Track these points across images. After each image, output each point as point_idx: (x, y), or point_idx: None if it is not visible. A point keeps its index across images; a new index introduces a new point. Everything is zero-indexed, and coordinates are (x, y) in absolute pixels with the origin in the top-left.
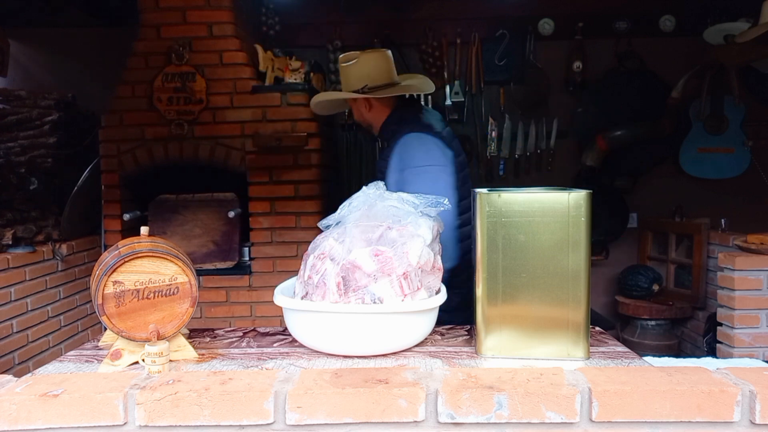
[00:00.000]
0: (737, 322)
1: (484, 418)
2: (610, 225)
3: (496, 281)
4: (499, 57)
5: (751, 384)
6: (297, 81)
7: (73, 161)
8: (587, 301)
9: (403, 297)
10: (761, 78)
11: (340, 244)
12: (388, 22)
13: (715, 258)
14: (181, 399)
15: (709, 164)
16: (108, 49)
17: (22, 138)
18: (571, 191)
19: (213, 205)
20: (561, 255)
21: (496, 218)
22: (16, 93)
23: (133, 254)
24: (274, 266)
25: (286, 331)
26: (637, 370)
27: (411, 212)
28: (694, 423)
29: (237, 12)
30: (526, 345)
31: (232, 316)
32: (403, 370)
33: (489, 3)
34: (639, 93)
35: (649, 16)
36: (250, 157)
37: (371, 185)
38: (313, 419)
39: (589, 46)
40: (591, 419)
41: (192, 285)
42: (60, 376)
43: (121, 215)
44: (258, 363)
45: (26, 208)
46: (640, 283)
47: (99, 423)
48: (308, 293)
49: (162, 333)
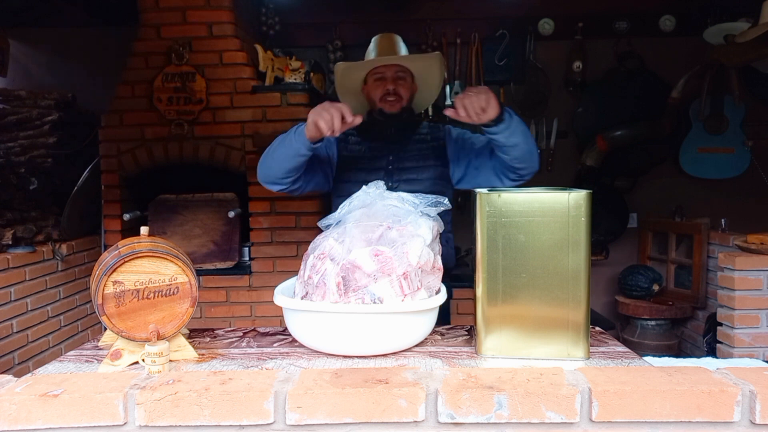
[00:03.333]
0: (737, 322)
1: (484, 418)
2: (610, 225)
3: (496, 281)
4: (499, 57)
5: (751, 384)
6: (297, 81)
7: (73, 161)
8: (587, 301)
9: (403, 297)
10: (761, 78)
11: (340, 244)
12: (388, 22)
13: (715, 258)
14: (181, 399)
15: (709, 164)
16: (108, 49)
17: (21, 138)
18: (571, 191)
19: (213, 205)
20: (561, 255)
21: (496, 218)
22: (16, 93)
23: (133, 254)
24: (274, 266)
25: (286, 331)
26: (637, 370)
27: (411, 212)
28: (694, 423)
29: (237, 12)
30: (526, 345)
31: (232, 316)
32: (403, 370)
33: (489, 3)
34: (639, 93)
35: (649, 16)
36: (250, 157)
37: (371, 185)
38: (313, 419)
39: (589, 46)
40: (591, 419)
41: (192, 285)
42: (60, 376)
43: (121, 215)
44: (258, 363)
45: (26, 208)
46: (640, 283)
47: (99, 423)
48: (308, 293)
49: (162, 333)
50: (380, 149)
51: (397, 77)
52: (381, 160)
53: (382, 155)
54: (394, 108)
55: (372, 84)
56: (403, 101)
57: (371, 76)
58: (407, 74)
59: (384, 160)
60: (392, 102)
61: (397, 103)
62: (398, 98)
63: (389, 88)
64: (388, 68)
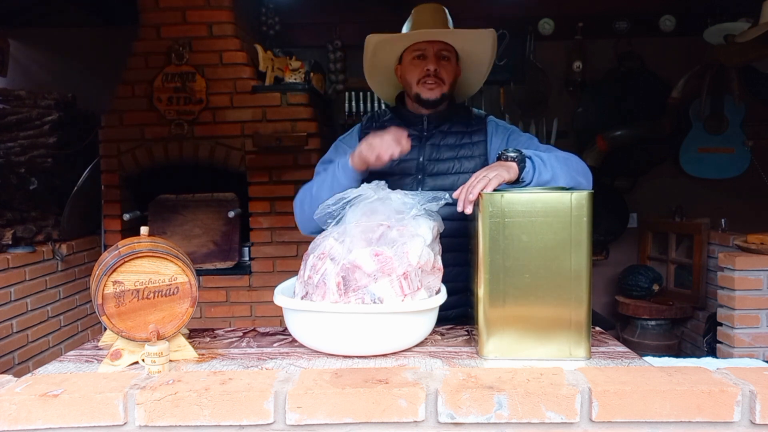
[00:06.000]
0: (737, 322)
1: (484, 418)
2: (610, 225)
3: (499, 282)
4: (499, 57)
5: (751, 384)
6: (297, 81)
7: (73, 161)
8: (589, 301)
9: (403, 297)
10: (761, 78)
11: (340, 244)
12: (388, 22)
13: (715, 258)
14: (181, 399)
15: (709, 164)
16: (108, 49)
17: (22, 138)
18: (572, 191)
19: (213, 205)
20: (563, 255)
21: (498, 218)
22: (16, 93)
23: (133, 254)
24: (274, 266)
25: (286, 331)
26: (637, 370)
27: (412, 208)
28: (694, 423)
29: (237, 12)
30: (528, 346)
31: (232, 316)
32: (403, 370)
33: (489, 3)
34: (639, 93)
35: (649, 16)
36: (250, 157)
37: (371, 184)
38: (313, 419)
39: (589, 46)
40: (591, 419)
41: (192, 285)
42: (60, 376)
43: (121, 215)
44: (258, 363)
45: (26, 208)
46: (640, 283)
47: (99, 423)
48: (308, 293)
49: (162, 333)
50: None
51: (441, 56)
52: (410, 162)
53: (411, 157)
54: (434, 94)
55: (409, 63)
56: (444, 87)
57: (409, 53)
58: (452, 54)
59: (413, 162)
60: (432, 86)
61: (438, 87)
62: (439, 82)
63: (430, 69)
64: (430, 45)
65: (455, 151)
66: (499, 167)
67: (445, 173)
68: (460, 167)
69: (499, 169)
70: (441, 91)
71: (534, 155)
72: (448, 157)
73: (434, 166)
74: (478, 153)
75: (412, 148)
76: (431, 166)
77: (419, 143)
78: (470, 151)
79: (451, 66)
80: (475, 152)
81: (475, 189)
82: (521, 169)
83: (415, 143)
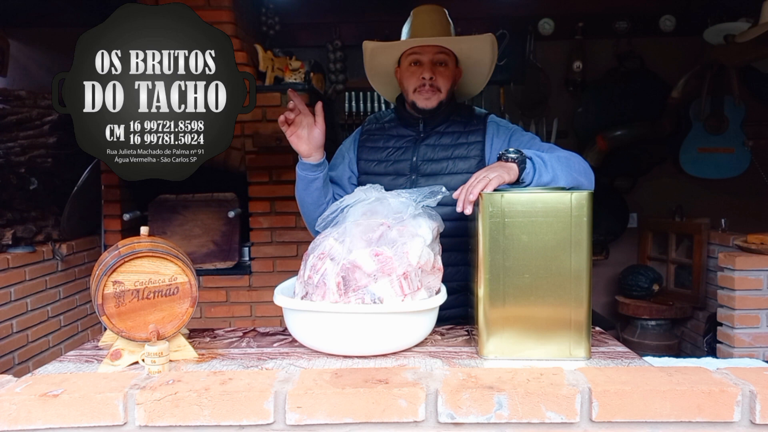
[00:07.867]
0: (737, 322)
1: (484, 418)
2: (610, 225)
3: (499, 282)
4: (499, 57)
5: (751, 384)
6: (297, 81)
7: (73, 161)
8: (589, 301)
9: (403, 297)
10: (761, 78)
11: (340, 244)
12: (388, 22)
13: (715, 258)
14: (181, 399)
15: (709, 164)
16: None
17: (21, 138)
18: (572, 191)
19: (213, 205)
20: (563, 255)
21: (498, 218)
22: (16, 93)
23: (133, 254)
24: (274, 266)
25: (286, 331)
26: (637, 370)
27: (410, 206)
28: (694, 423)
29: (237, 12)
30: (529, 346)
31: (232, 316)
32: (403, 370)
33: (489, 3)
34: (639, 93)
35: (649, 16)
36: (250, 157)
37: (366, 187)
38: (313, 419)
39: (589, 46)
40: (591, 419)
41: (192, 285)
42: (60, 376)
43: (121, 215)
44: (258, 363)
45: (26, 208)
46: (640, 283)
47: (99, 423)
48: (308, 293)
49: (162, 333)
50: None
51: (436, 62)
52: (403, 162)
53: (405, 158)
54: (430, 103)
55: (406, 69)
56: (441, 94)
57: (406, 57)
58: (450, 57)
59: (407, 163)
60: (428, 96)
61: (434, 96)
62: (435, 91)
63: (425, 77)
64: (425, 49)
65: (450, 152)
66: (500, 168)
67: (438, 173)
68: (454, 167)
69: (499, 169)
70: (438, 99)
71: (535, 156)
72: (442, 158)
73: (428, 167)
74: (473, 154)
75: (407, 148)
76: (425, 166)
77: (414, 144)
78: (465, 152)
79: (448, 71)
80: (471, 153)
81: (475, 189)
82: (521, 169)
83: (409, 144)
